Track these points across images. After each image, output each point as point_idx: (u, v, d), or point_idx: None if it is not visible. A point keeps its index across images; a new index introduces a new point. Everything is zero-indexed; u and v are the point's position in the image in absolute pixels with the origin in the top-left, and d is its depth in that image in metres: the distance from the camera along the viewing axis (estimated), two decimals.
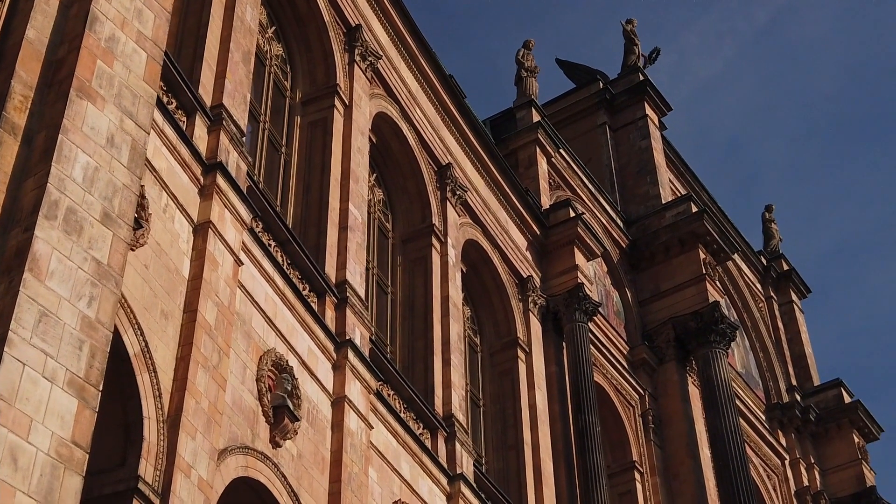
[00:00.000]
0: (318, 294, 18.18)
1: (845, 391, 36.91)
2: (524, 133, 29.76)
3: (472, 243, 25.23)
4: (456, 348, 22.18)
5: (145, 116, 9.84)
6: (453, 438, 20.65)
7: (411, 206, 23.78)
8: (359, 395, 17.88)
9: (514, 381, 24.81)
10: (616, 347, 29.41)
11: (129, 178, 9.47)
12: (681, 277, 31.14)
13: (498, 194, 26.55)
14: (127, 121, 9.61)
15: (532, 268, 26.89)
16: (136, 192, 9.62)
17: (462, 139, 25.60)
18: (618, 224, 32.03)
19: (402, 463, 18.96)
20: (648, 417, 28.93)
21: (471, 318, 25.50)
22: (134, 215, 9.99)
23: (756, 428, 34.04)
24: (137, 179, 9.70)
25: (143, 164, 9.97)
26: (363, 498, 17.03)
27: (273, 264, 16.92)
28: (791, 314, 39.05)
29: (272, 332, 16.39)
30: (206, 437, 13.78)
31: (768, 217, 41.73)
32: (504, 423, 24.37)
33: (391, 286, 22.68)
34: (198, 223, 15.15)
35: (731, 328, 30.15)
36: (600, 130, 35.30)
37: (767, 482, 33.77)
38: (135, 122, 9.69)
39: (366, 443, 17.64)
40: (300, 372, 16.76)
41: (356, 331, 18.49)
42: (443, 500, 19.78)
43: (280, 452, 15.68)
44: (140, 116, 9.74)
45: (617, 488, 27.75)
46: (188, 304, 14.39)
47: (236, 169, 16.19)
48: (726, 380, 29.24)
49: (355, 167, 20.51)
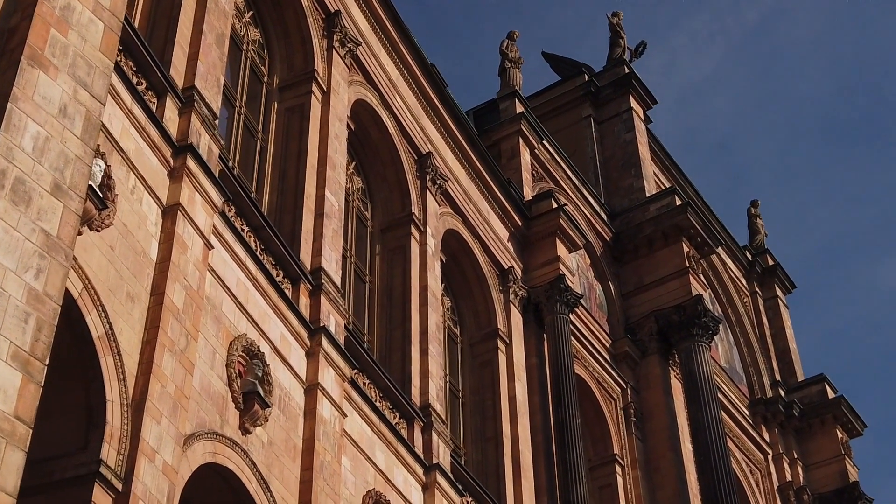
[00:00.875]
0: (292, 280, 17.96)
1: (829, 387, 36.81)
2: (507, 124, 29.54)
3: (453, 233, 25.02)
4: (434, 338, 21.98)
5: (101, 87, 9.61)
6: (430, 428, 20.45)
7: (391, 195, 23.57)
8: (332, 383, 17.67)
9: (493, 373, 24.62)
10: (598, 340, 29.24)
11: (83, 150, 9.23)
12: (664, 270, 30.98)
13: (479, 184, 26.35)
14: (81, 91, 9.38)
15: (513, 259, 26.70)
16: (88, 163, 9.38)
17: (443, 128, 25.39)
18: (601, 217, 31.85)
19: (377, 452, 18.75)
20: (630, 411, 28.77)
21: (451, 308, 25.30)
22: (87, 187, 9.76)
23: (739, 423, 33.91)
24: (91, 151, 9.47)
25: (97, 136, 9.74)
26: (335, 486, 16.82)
27: (245, 249, 16.69)
28: (776, 309, 38.94)
29: (243, 317, 16.16)
30: (171, 422, 13.55)
31: (754, 212, 41.62)
32: (483, 415, 24.17)
33: (369, 275, 22.46)
34: (167, 206, 14.92)
35: (714, 322, 30.00)
36: (585, 123, 35.11)
37: (750, 477, 33.65)
38: (89, 92, 9.46)
39: (339, 431, 17.43)
40: (272, 358, 16.53)
41: (331, 318, 18.27)
42: (418, 491, 19.58)
43: (250, 439, 15.45)
44: (95, 87, 9.50)
45: (597, 481, 27.60)
46: (155, 287, 14.16)
47: (208, 152, 15.96)
48: (709, 373, 29.08)
49: (332, 154, 20.29)
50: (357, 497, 17.73)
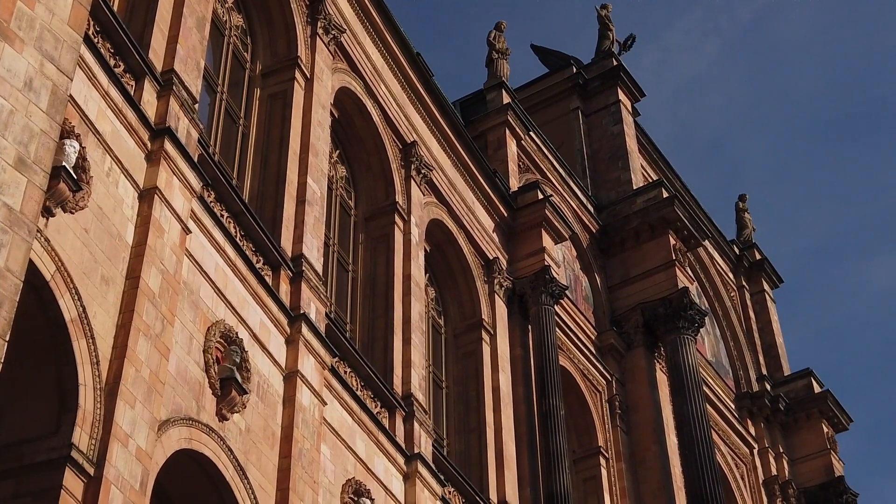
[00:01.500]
0: (272, 267, 17.81)
1: (815, 381, 36.77)
2: (493, 115, 29.40)
3: (438, 223, 24.89)
4: (417, 328, 21.85)
5: (69, 62, 9.45)
6: (412, 418, 20.32)
7: (375, 184, 23.43)
8: (312, 371, 17.53)
9: (477, 364, 24.51)
10: (584, 332, 29.14)
11: (48, 124, 9.08)
12: (650, 263, 30.89)
13: (465, 174, 26.22)
14: (48, 65, 9.22)
15: (498, 249, 26.58)
16: (54, 138, 9.23)
17: (428, 118, 25.24)
18: (588, 209, 31.75)
19: (358, 441, 18.62)
20: (615, 403, 28.68)
21: (435, 299, 25.17)
22: (52, 162, 9.61)
23: (725, 417, 33.85)
24: (57, 126, 9.32)
25: (63, 110, 9.58)
26: (314, 474, 16.69)
27: (225, 235, 16.54)
28: (763, 304, 38.88)
29: (222, 303, 16.01)
30: (146, 407, 13.40)
31: (742, 206, 41.55)
32: (467, 406, 24.06)
33: (352, 264, 22.32)
34: (144, 189, 14.76)
35: (700, 314, 29.93)
36: (573, 115, 35.00)
37: (735, 471, 33.59)
38: (56, 66, 9.29)
39: (318, 419, 17.29)
40: (251, 345, 16.39)
41: (311, 305, 18.13)
42: (399, 480, 19.45)
43: (227, 426, 15.31)
44: (63, 61, 9.34)
45: (582, 474, 27.52)
46: (131, 271, 14.01)
47: (186, 136, 15.80)
48: (694, 366, 29.01)
49: (315, 141, 20.13)
50: (336, 485, 17.60)
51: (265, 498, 15.66)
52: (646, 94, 35.95)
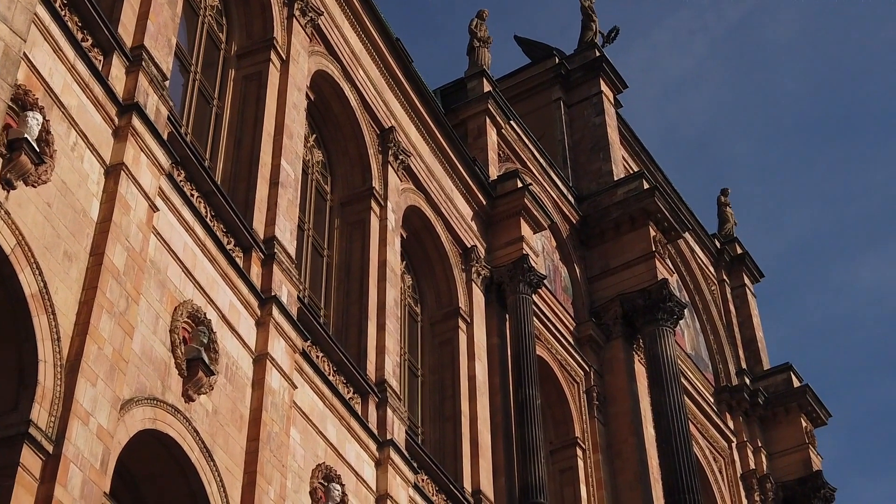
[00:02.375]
0: (243, 249, 17.57)
1: (795, 376, 36.71)
2: (474, 103, 29.20)
3: (415, 210, 24.68)
4: (392, 314, 21.64)
5: (22, 23, 9.20)
6: (385, 404, 20.11)
7: (352, 169, 23.20)
8: (283, 354, 17.31)
9: (454, 352, 24.32)
10: (562, 323, 28.98)
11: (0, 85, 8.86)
12: (630, 254, 30.76)
13: (443, 161, 26.02)
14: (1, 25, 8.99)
15: (476, 238, 26.39)
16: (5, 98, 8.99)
17: (407, 104, 25.03)
18: (568, 199, 31.59)
19: (329, 426, 18.40)
20: (593, 394, 28.54)
21: (412, 286, 24.97)
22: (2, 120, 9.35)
23: (704, 410, 33.75)
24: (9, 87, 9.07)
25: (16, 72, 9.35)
26: (283, 458, 16.47)
27: (194, 214, 16.29)
28: (743, 298, 38.83)
29: (190, 283, 15.77)
30: (108, 385, 13.16)
31: (723, 200, 41.47)
32: (442, 394, 23.87)
33: (327, 249, 22.10)
34: (110, 165, 14.51)
35: (678, 306, 29.80)
36: (555, 106, 34.85)
37: (713, 464, 33.50)
38: (9, 27, 9.03)
39: (288, 402, 17.07)
40: (220, 326, 16.16)
41: (283, 288, 17.90)
42: (371, 467, 19.24)
43: (193, 407, 15.07)
44: (16, 22, 9.07)
45: (558, 464, 27.38)
46: (95, 247, 13.77)
47: (155, 112, 15.54)
48: (672, 358, 28.89)
49: (290, 123, 19.90)
50: (306, 470, 17.39)
51: (232, 481, 15.43)
52: (628, 85, 35.88)
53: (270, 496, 15.85)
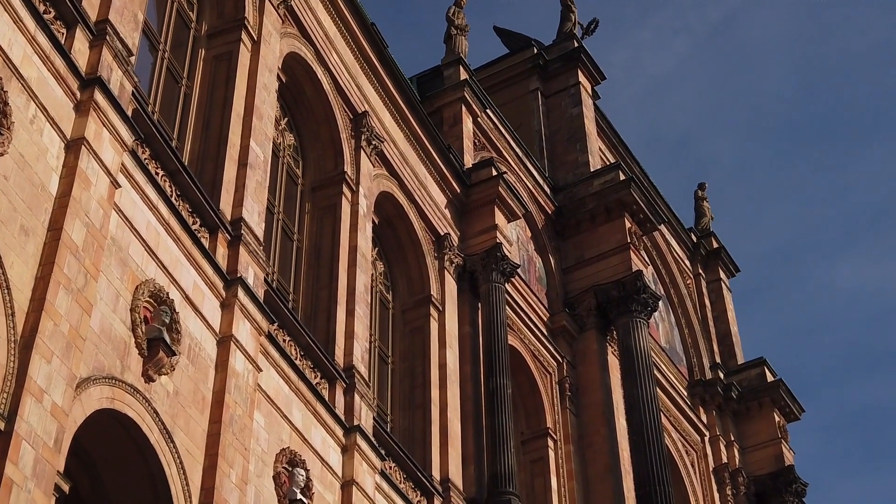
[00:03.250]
0: (209, 229, 17.31)
1: (768, 370, 36.67)
2: (450, 91, 28.97)
3: (388, 196, 24.46)
4: (362, 299, 21.42)
5: None
6: (353, 390, 19.90)
7: (324, 154, 22.96)
8: (248, 336, 17.06)
9: (424, 340, 24.13)
10: (536, 313, 28.83)
11: None
12: (605, 246, 30.64)
13: (417, 148, 25.80)
14: None
15: (450, 225, 26.20)
16: None
17: (381, 89, 24.79)
18: (544, 190, 31.43)
19: (294, 411, 18.17)
20: (565, 385, 28.41)
21: (384, 273, 24.76)
22: None
23: (677, 403, 33.67)
24: None
25: None
26: (246, 441, 16.23)
27: (158, 193, 16.03)
28: (718, 292, 38.77)
29: (153, 262, 15.51)
30: (64, 363, 12.90)
31: (701, 195, 41.38)
32: (412, 382, 23.68)
33: (297, 234, 21.86)
34: (71, 139, 14.23)
35: (653, 298, 29.70)
36: (532, 96, 34.66)
37: (686, 458, 33.44)
38: None
39: (252, 385, 16.83)
40: (183, 307, 15.91)
41: (249, 270, 17.65)
42: (337, 452, 19.02)
43: (153, 387, 14.82)
44: None
45: (529, 455, 27.24)
46: (53, 222, 13.49)
47: (119, 88, 15.26)
48: (646, 349, 28.79)
49: (260, 104, 19.63)
50: (270, 454, 17.16)
51: (192, 463, 15.20)
52: (606, 77, 35.69)
53: (232, 479, 15.62)
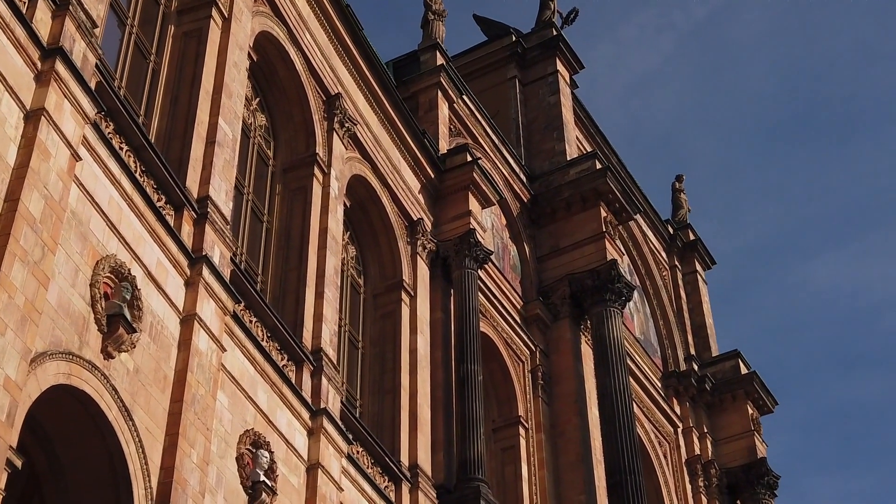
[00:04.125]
0: (175, 207, 17.04)
1: (743, 363, 36.66)
2: (426, 76, 28.75)
3: (361, 180, 24.23)
4: (331, 282, 21.18)
5: None
6: (320, 373, 19.67)
7: (296, 135, 22.71)
8: (212, 315, 16.81)
9: (395, 325, 23.93)
10: (509, 301, 28.67)
11: None
12: (580, 235, 30.52)
13: (391, 132, 25.57)
14: None
15: (423, 211, 25.99)
16: None
17: (355, 71, 24.55)
18: (520, 178, 31.26)
19: (259, 392, 17.94)
20: (538, 374, 28.27)
21: (356, 258, 24.54)
22: None
23: (651, 394, 33.60)
24: None
25: None
26: (208, 421, 15.99)
27: (122, 168, 15.74)
28: (694, 284, 38.74)
29: (114, 237, 15.24)
30: (18, 336, 12.64)
31: (678, 187, 41.34)
32: (382, 367, 23.48)
33: (267, 215, 21.61)
34: (30, 109, 13.94)
35: (627, 288, 29.59)
36: (510, 84, 34.49)
37: (658, 449, 33.38)
38: None
39: (216, 365, 16.59)
40: (145, 284, 15.65)
41: (215, 249, 17.40)
42: (303, 435, 18.80)
43: (113, 364, 14.56)
44: None
45: (500, 443, 27.10)
46: (10, 193, 13.22)
47: (82, 59, 14.96)
48: (619, 339, 28.68)
49: (230, 82, 19.36)
50: (234, 435, 16.92)
51: (152, 442, 14.95)
52: (585, 66, 35.53)
53: (193, 459, 15.39)
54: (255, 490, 16.80)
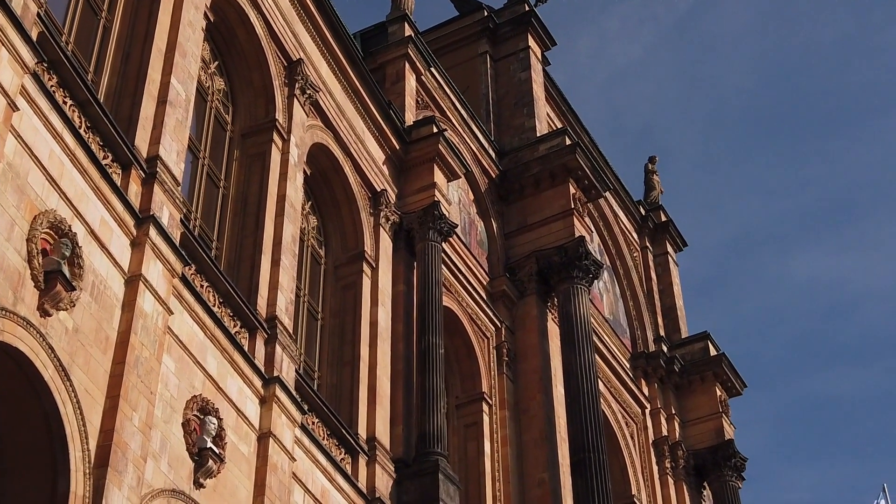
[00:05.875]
0: (122, 165, 16.56)
1: (712, 345, 36.41)
2: (393, 47, 28.26)
3: (323, 149, 23.77)
4: (288, 250, 20.73)
5: None
6: (274, 341, 19.23)
7: (255, 100, 22.21)
8: (159, 277, 16.34)
9: (356, 297, 23.51)
10: (475, 277, 28.28)
11: None
12: (549, 211, 30.15)
13: (356, 101, 25.10)
14: None
15: (387, 182, 25.54)
16: None
17: (319, 38, 24.06)
18: (489, 153, 30.84)
19: (209, 358, 17.48)
20: (503, 350, 27.91)
21: (317, 228, 24.10)
22: None
23: (619, 375, 33.30)
24: None
25: None
26: (151, 385, 15.54)
27: (65, 122, 15.24)
28: (665, 266, 38.46)
29: (55, 192, 14.75)
30: None
31: (651, 168, 41.03)
32: (342, 339, 23.06)
33: (224, 181, 21.12)
34: None
35: (595, 265, 29.26)
36: (481, 59, 34.06)
37: (626, 429, 33.08)
38: None
39: (162, 328, 16.13)
40: (87, 242, 15.17)
41: (164, 209, 16.92)
42: (255, 404, 18.36)
43: (50, 322, 14.09)
44: None
45: (463, 419, 26.75)
46: None
47: (22, 7, 14.45)
48: (586, 316, 28.35)
49: (184, 41, 18.85)
50: (180, 400, 16.47)
51: (91, 403, 14.50)
52: (557, 42, 35.14)
53: (135, 423, 14.94)
54: (201, 457, 16.37)
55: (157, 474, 15.45)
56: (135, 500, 14.59)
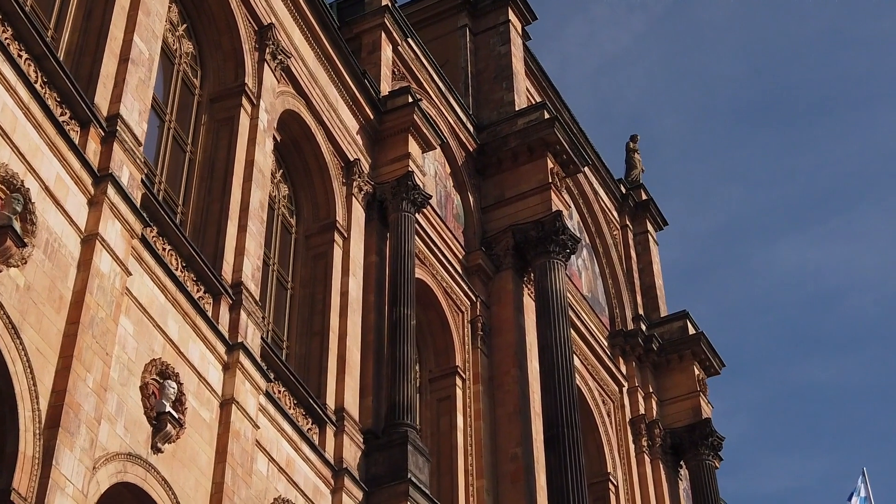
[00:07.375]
0: (81, 122, 16.16)
1: (691, 323, 36.17)
2: (369, 16, 27.83)
3: (294, 116, 23.37)
4: (256, 216, 20.36)
5: None
6: (239, 307, 18.87)
7: (224, 65, 21.80)
8: (117, 237, 15.97)
9: (327, 266, 23.14)
10: (451, 250, 27.96)
11: None
12: (526, 185, 29.83)
13: (329, 69, 24.70)
14: None
15: (361, 152, 25.17)
16: None
17: (291, 3, 23.64)
18: (467, 127, 30.49)
19: (170, 322, 17.12)
20: (478, 324, 27.61)
21: (288, 197, 23.72)
22: None
23: (596, 353, 33.04)
24: None
25: None
26: (107, 346, 15.18)
27: (18, 75, 14.85)
28: (645, 244, 38.20)
29: (6, 146, 14.36)
30: None
31: (632, 147, 40.70)
32: (312, 309, 22.71)
33: (191, 145, 20.72)
34: None
35: (572, 240, 28.96)
36: (460, 33, 33.65)
37: (602, 407, 32.85)
38: None
39: (119, 289, 15.76)
40: (41, 198, 14.78)
41: (124, 169, 16.53)
42: (218, 370, 18.01)
43: (0, 278, 13.70)
44: None
45: (437, 394, 26.45)
46: None
47: None
48: (562, 291, 28.07)
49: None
50: (138, 364, 16.12)
51: (43, 363, 14.14)
52: (537, 17, 34.72)
53: (88, 384, 14.58)
54: (159, 421, 16.03)
55: (113, 437, 15.11)
56: (88, 463, 14.25)
